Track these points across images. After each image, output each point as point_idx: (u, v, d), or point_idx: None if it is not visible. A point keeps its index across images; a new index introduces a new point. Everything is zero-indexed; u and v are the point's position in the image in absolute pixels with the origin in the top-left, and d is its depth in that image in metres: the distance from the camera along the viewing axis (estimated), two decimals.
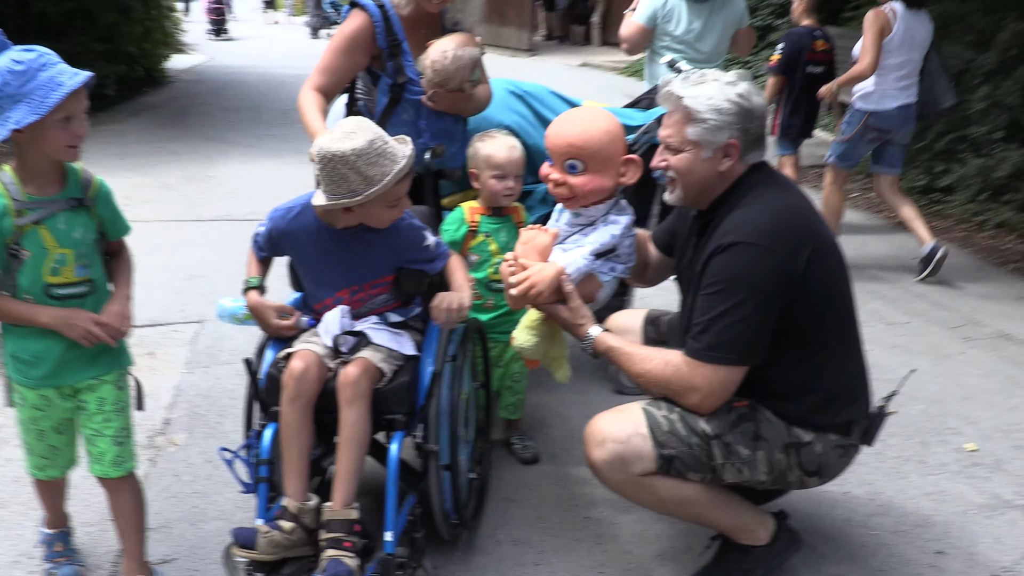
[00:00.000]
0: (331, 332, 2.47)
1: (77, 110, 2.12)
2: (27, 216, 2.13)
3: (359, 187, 2.28)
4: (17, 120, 2.02)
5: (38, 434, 2.35)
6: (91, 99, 2.20)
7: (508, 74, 3.39)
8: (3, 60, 2.03)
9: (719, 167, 2.26)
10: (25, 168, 2.15)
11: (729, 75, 2.27)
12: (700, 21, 4.72)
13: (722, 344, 2.15)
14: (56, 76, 2.05)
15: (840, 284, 2.31)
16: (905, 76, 5.18)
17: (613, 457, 2.27)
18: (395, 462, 2.35)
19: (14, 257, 2.14)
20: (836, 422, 2.29)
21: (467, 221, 3.03)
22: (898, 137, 5.37)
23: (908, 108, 5.24)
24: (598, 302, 2.57)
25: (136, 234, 2.56)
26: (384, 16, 3.06)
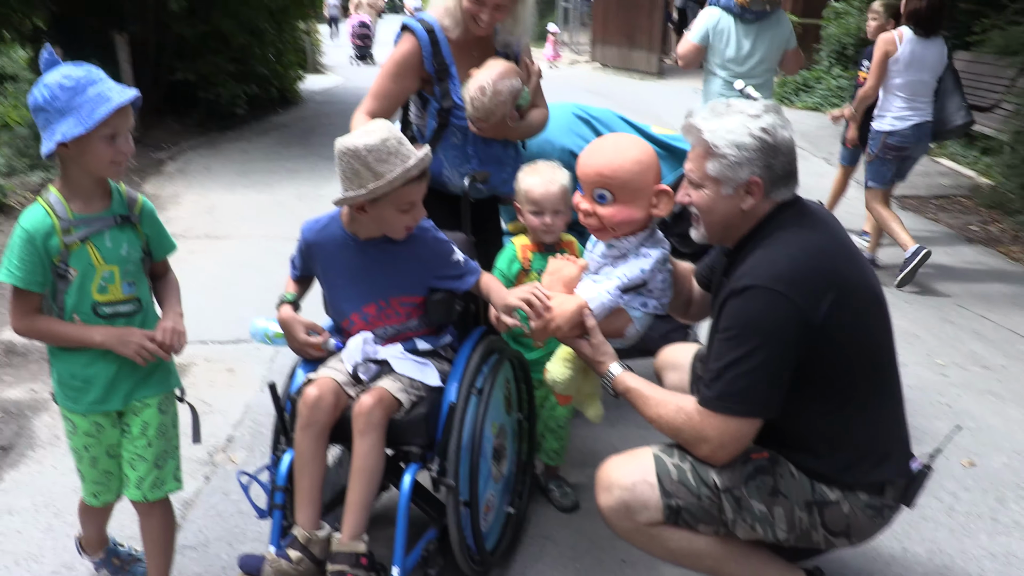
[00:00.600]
0: (352, 360, 2.44)
1: (123, 127, 2.12)
2: (74, 234, 2.15)
3: (369, 183, 2.29)
4: (64, 133, 2.03)
5: (91, 461, 2.33)
6: (223, 117, 2.30)
7: (630, 97, 3.28)
8: (54, 76, 2.06)
9: (741, 205, 2.11)
10: (70, 186, 2.17)
11: (755, 107, 2.10)
12: (749, 40, 5.08)
13: (733, 394, 1.99)
14: (104, 92, 2.06)
15: (872, 332, 2.09)
16: (915, 96, 5.40)
17: (619, 504, 2.14)
18: (406, 496, 2.29)
19: (61, 277, 2.16)
20: (866, 481, 2.08)
21: (519, 259, 2.94)
22: (916, 154, 5.58)
23: (922, 126, 5.44)
24: (628, 338, 2.45)
25: (239, 249, 2.64)
26: (432, 40, 3.04)
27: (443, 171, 3.14)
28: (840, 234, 2.17)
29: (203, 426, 3.57)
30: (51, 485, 3.20)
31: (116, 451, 2.36)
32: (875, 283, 2.15)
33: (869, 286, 2.12)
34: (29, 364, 4.34)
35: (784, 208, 2.14)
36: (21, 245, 2.13)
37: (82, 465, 2.35)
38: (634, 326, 2.43)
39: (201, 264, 5.95)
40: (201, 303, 5.15)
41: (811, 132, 10.72)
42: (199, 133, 10.99)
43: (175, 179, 8.71)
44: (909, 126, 5.43)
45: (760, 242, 2.10)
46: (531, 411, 2.97)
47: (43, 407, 3.83)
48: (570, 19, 24.42)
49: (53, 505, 3.08)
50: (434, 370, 2.50)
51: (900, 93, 5.43)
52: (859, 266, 2.13)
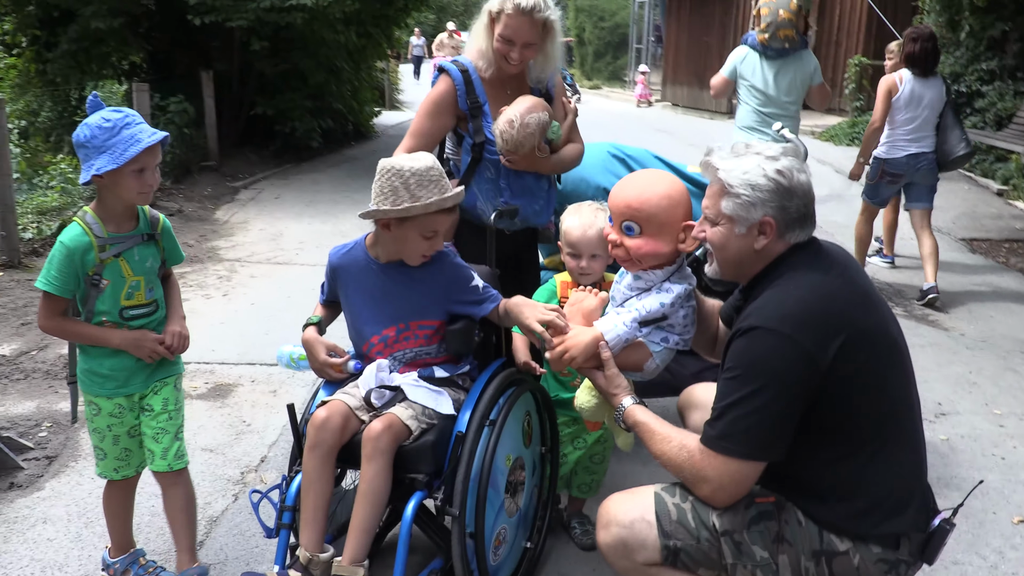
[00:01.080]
0: (367, 385, 2.47)
1: (151, 163, 2.45)
2: (108, 251, 2.49)
3: (405, 203, 2.38)
4: (99, 167, 2.38)
5: (113, 439, 2.61)
6: (298, 150, 2.65)
7: (698, 136, 3.29)
8: (96, 118, 2.40)
9: (754, 244, 2.08)
10: (104, 209, 2.51)
11: (774, 149, 2.09)
12: (772, 75, 5.46)
13: (734, 435, 1.94)
14: (136, 134, 2.39)
15: (886, 379, 2.01)
16: (915, 130, 5.92)
17: (616, 542, 2.10)
18: (408, 522, 2.29)
19: (94, 286, 2.49)
20: (878, 532, 1.98)
21: (558, 296, 2.93)
22: (916, 179, 6.06)
23: (918, 157, 5.95)
24: (647, 372, 2.42)
25: (298, 276, 2.77)
26: (466, 80, 3.13)
27: (477, 204, 3.19)
28: (856, 278, 2.11)
29: (238, 445, 3.72)
30: (86, 496, 3.30)
31: (136, 431, 2.64)
32: (892, 329, 2.08)
33: (884, 332, 2.05)
34: None
35: (798, 249, 2.10)
36: (61, 259, 2.45)
37: (104, 444, 2.63)
38: (653, 360, 2.40)
39: (260, 288, 6.11)
40: (254, 326, 5.29)
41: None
42: (275, 164, 11.35)
43: (247, 207, 8.98)
44: (904, 155, 5.97)
45: (771, 282, 2.07)
46: (554, 445, 2.93)
47: None
48: (642, 60, 24.61)
49: (86, 515, 3.17)
50: (448, 398, 2.51)
51: (903, 127, 5.95)
52: (875, 311, 2.06)
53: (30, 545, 2.99)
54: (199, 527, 3.08)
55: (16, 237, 6.47)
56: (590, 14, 30.60)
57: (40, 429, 3.87)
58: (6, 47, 11.73)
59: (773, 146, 2.11)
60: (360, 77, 14.05)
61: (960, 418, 4.11)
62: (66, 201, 7.86)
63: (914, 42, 5.89)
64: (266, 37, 10.62)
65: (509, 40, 3.04)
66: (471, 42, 3.21)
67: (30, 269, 6.36)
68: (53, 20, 10.52)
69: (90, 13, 9.75)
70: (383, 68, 17.94)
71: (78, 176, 8.58)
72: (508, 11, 3.02)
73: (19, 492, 3.34)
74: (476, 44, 3.16)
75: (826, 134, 13.81)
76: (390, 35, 14.06)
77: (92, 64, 10.89)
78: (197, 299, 5.90)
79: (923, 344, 5.09)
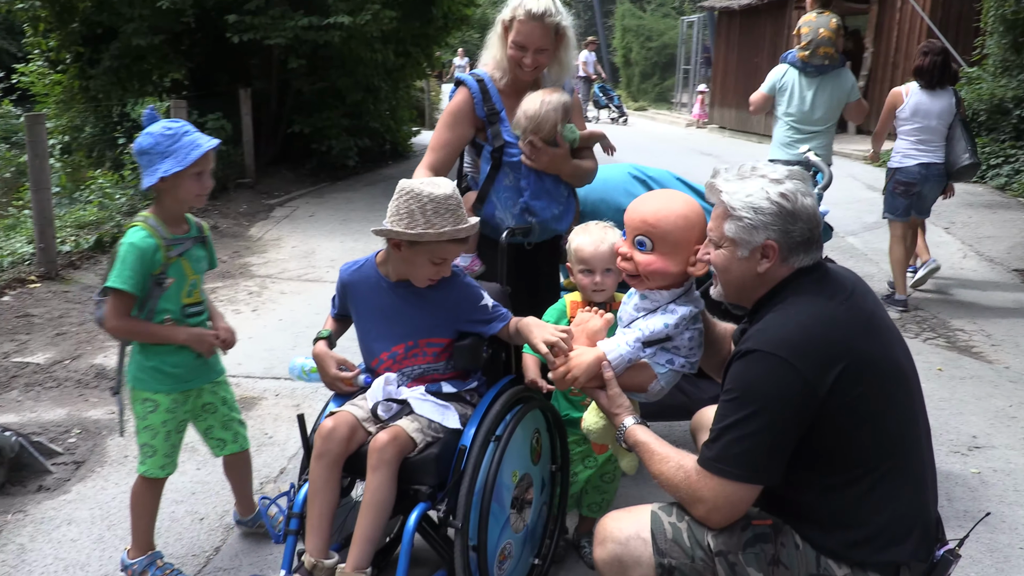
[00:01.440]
0: (374, 398, 2.52)
1: (207, 168, 2.72)
2: (173, 251, 2.74)
3: (419, 227, 2.43)
4: (164, 170, 2.63)
5: (166, 435, 2.80)
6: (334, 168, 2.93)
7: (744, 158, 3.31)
8: (157, 126, 2.67)
9: (757, 268, 2.08)
10: (164, 213, 2.75)
11: (779, 172, 2.08)
12: (811, 91, 5.77)
13: (729, 457, 1.95)
14: (196, 140, 2.67)
15: (889, 409, 2.00)
16: (923, 141, 6.16)
17: (612, 559, 2.11)
18: (410, 532, 2.34)
19: (158, 285, 2.71)
20: (876, 560, 1.97)
21: (568, 315, 2.95)
22: (925, 190, 6.28)
23: (929, 167, 6.16)
24: (651, 394, 2.43)
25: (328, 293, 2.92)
26: (482, 88, 3.20)
27: (495, 214, 3.23)
28: (863, 304, 2.09)
29: (260, 457, 3.78)
30: (110, 500, 3.40)
31: (183, 427, 2.88)
32: (899, 357, 2.06)
33: (890, 360, 2.03)
34: None
35: (803, 274, 2.10)
36: (133, 259, 2.66)
37: (156, 440, 2.80)
38: (658, 382, 2.40)
39: (290, 305, 6.22)
40: (281, 341, 5.38)
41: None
42: (310, 183, 11.51)
43: (281, 224, 9.13)
44: (915, 164, 6.19)
45: (774, 306, 2.07)
46: (564, 463, 2.95)
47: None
48: (690, 82, 24.42)
49: (108, 519, 3.27)
50: (455, 413, 2.56)
51: (908, 137, 6.23)
52: (881, 340, 2.05)
53: (54, 544, 3.09)
54: (216, 535, 3.17)
55: (54, 250, 6.65)
56: (637, 34, 30.38)
57: (69, 435, 3.97)
58: (51, 64, 12.04)
59: (779, 169, 2.11)
60: (398, 96, 14.20)
61: (995, 452, 4.04)
62: (103, 215, 8.05)
63: (924, 56, 6.17)
64: (304, 55, 10.81)
65: (522, 46, 3.11)
66: (486, 53, 3.29)
67: (67, 281, 6.53)
68: (96, 37, 10.82)
69: (131, 31, 10.02)
70: (422, 87, 18.10)
71: (116, 191, 8.85)
72: (520, 17, 3.10)
73: (46, 494, 3.44)
74: (491, 54, 3.24)
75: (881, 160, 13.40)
76: (430, 54, 14.17)
77: (133, 81, 11.17)
78: (227, 314, 5.97)
79: (964, 376, 5.01)
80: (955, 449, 4.05)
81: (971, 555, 3.17)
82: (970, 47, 13.34)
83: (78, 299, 6.22)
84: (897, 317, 6.17)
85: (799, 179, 2.09)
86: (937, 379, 4.93)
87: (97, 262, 7.09)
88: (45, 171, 6.63)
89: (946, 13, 14.78)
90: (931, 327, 5.97)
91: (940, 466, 3.76)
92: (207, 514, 3.33)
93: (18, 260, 6.70)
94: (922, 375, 5.06)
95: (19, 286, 6.24)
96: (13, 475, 3.51)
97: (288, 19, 10.20)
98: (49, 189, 6.71)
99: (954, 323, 6.08)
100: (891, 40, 15.91)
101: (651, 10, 33.33)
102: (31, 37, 11.78)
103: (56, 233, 6.82)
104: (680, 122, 22.78)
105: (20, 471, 3.54)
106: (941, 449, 4.01)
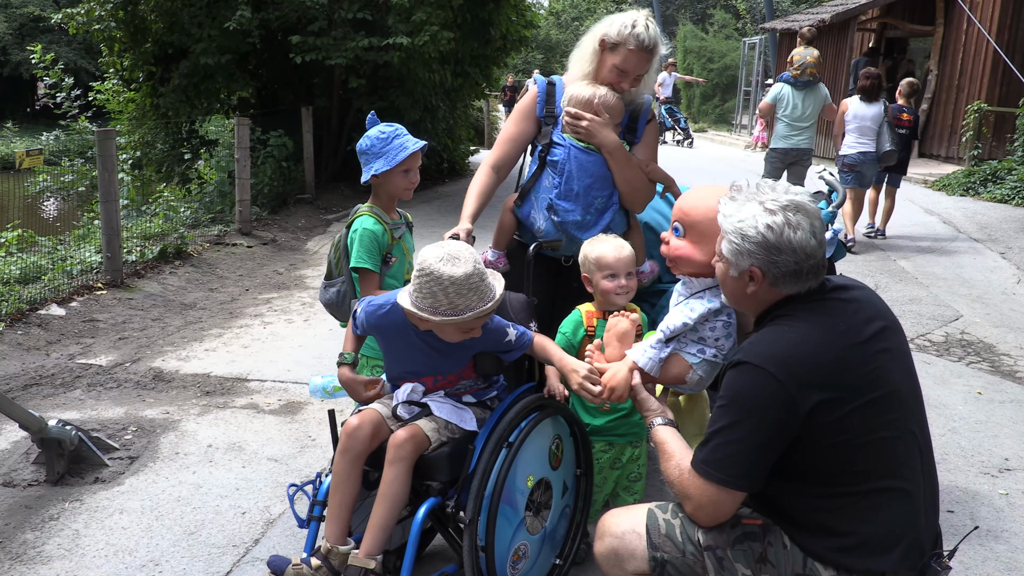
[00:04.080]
0: (397, 400, 2.67)
1: (414, 165, 3.18)
2: (395, 233, 3.21)
3: (442, 309, 2.46)
4: (377, 168, 3.11)
5: None
6: None
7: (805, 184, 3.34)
8: (374, 130, 3.14)
9: (746, 289, 2.17)
10: (381, 203, 3.23)
11: (780, 200, 2.10)
12: (800, 99, 8.72)
13: (714, 461, 2.04)
14: (405, 142, 3.11)
15: (877, 433, 2.03)
16: (861, 136, 8.95)
17: (609, 552, 2.23)
18: (418, 524, 2.46)
19: (385, 263, 3.15)
20: (863, 567, 2.03)
21: (584, 325, 3.06)
22: (864, 169, 9.10)
23: (866, 154, 8.97)
24: (691, 383, 2.53)
25: None
26: (549, 91, 3.32)
27: (531, 212, 3.29)
28: (865, 328, 2.09)
29: (302, 457, 3.96)
30: (160, 493, 3.61)
31: None
32: (897, 381, 2.08)
33: (884, 384, 2.05)
34: (171, 389, 4.85)
35: (797, 299, 2.14)
36: (369, 240, 3.10)
37: None
38: (695, 372, 2.51)
39: None
40: (330, 350, 5.57)
41: (992, 224, 10.24)
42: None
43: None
44: (855, 152, 9.01)
45: (772, 320, 2.15)
46: (588, 467, 3.04)
47: (172, 427, 4.28)
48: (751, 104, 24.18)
49: (157, 510, 3.48)
50: (472, 415, 2.70)
51: (851, 135, 9.01)
52: (875, 364, 2.06)
53: (106, 531, 3.31)
54: (256, 528, 3.36)
55: (120, 259, 6.98)
56: (699, 55, 30.25)
57: (126, 433, 4.21)
58: (125, 82, 12.56)
59: (781, 197, 2.12)
60: (455, 115, 14.47)
61: (1018, 475, 4.04)
62: (168, 228, 8.39)
63: (866, 79, 8.98)
64: (364, 75, 11.14)
65: (624, 71, 3.17)
66: (574, 68, 3.30)
67: (131, 289, 6.85)
68: (168, 57, 11.30)
69: (200, 50, 10.45)
70: (481, 107, 18.36)
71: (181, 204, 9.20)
72: (630, 46, 3.13)
73: (102, 486, 3.67)
74: (580, 70, 3.26)
75: (939, 183, 13.24)
76: (488, 74, 14.42)
77: (201, 99, 11.63)
78: (280, 323, 6.26)
79: (1003, 400, 4.99)
80: (985, 470, 4.05)
81: (989, 574, 3.19)
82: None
83: (141, 306, 6.53)
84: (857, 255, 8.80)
85: (797, 211, 2.09)
86: (976, 402, 4.92)
87: (160, 271, 7.42)
88: (114, 184, 6.97)
89: (1013, 36, 14.53)
90: (976, 351, 5.93)
91: (968, 487, 3.83)
92: (249, 508, 3.51)
93: (87, 268, 7.04)
94: (960, 398, 5.10)
95: (87, 293, 6.57)
96: (72, 467, 3.75)
97: (349, 40, 10.52)
98: (117, 201, 7.05)
99: (1000, 347, 6.03)
100: (956, 63, 15.62)
101: (713, 31, 33.21)
102: (107, 57, 12.37)
103: (123, 244, 7.17)
104: (739, 144, 22.59)
105: (79, 463, 3.79)
106: (971, 470, 4.03)
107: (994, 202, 11.69)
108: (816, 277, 2.13)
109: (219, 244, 8.66)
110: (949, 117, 15.81)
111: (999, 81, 14.56)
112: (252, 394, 4.85)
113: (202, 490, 3.65)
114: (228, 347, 5.70)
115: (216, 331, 6.07)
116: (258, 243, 8.98)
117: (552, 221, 3.24)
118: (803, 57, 8.68)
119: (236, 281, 7.63)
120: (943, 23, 15.99)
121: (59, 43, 30.09)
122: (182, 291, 7.12)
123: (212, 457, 3.98)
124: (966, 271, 8.23)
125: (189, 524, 3.37)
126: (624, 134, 3.32)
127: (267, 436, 4.23)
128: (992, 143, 14.29)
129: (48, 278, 6.67)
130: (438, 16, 10.56)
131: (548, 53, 34.11)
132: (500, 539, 2.58)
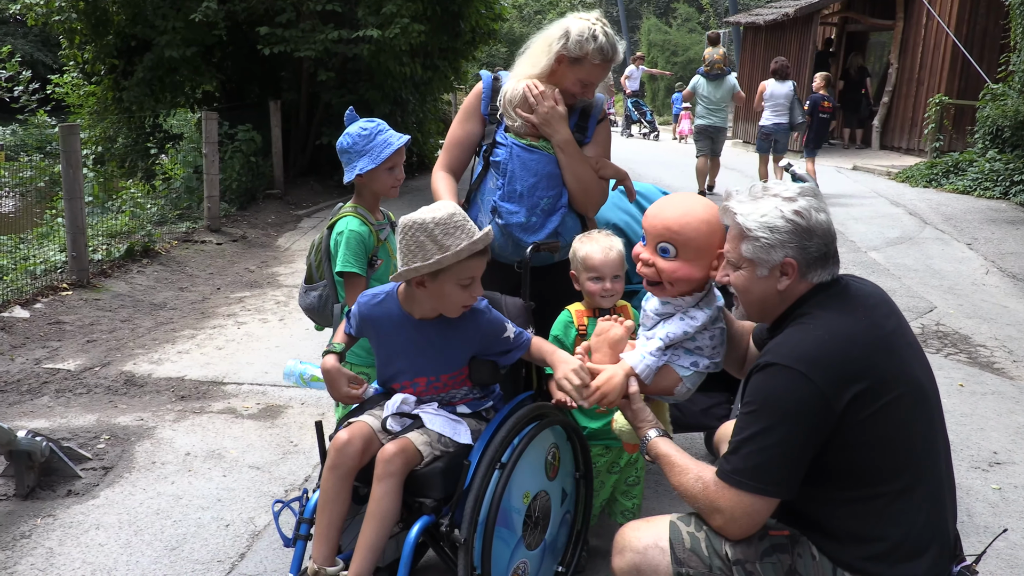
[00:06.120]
0: (387, 412, 2.54)
1: (399, 162, 3.05)
2: (380, 235, 3.07)
3: (435, 255, 2.37)
4: (361, 167, 2.96)
5: None
6: None
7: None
8: (354, 127, 2.97)
9: (777, 286, 2.11)
10: (365, 203, 3.09)
11: (791, 190, 2.11)
12: (712, 88, 11.29)
13: (747, 470, 1.98)
14: (389, 138, 2.97)
15: (907, 427, 2.00)
16: (775, 109, 11.27)
17: (630, 567, 2.14)
18: (411, 544, 2.34)
19: (371, 266, 3.01)
20: (892, 574, 1.99)
21: (575, 324, 3.00)
22: (778, 138, 11.47)
23: (780, 125, 11.31)
24: (679, 395, 2.45)
25: None
26: (495, 88, 3.18)
27: (478, 216, 3.17)
28: (886, 323, 2.09)
29: (284, 464, 3.84)
30: (137, 506, 3.47)
31: None
32: (919, 375, 2.07)
33: (909, 379, 2.04)
34: (144, 394, 4.69)
35: (822, 290, 2.12)
36: (355, 243, 2.96)
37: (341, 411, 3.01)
38: (684, 384, 2.42)
39: None
40: (307, 351, 5.44)
41: (957, 215, 10.31)
42: (338, 193, 11.63)
43: (308, 234, 9.24)
44: (771, 123, 11.35)
45: (794, 320, 2.10)
46: (587, 470, 2.95)
47: (147, 435, 4.14)
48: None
49: (136, 524, 3.33)
50: (466, 428, 2.57)
51: (768, 109, 11.33)
52: (900, 358, 2.05)
53: (82, 549, 3.16)
54: (241, 541, 3.23)
55: (86, 258, 6.79)
56: (663, 49, 30.37)
57: (99, 441, 4.06)
58: (85, 75, 12.26)
59: (790, 187, 2.13)
60: (425, 109, 14.33)
61: (1016, 468, 4.03)
62: (135, 225, 8.19)
63: (777, 63, 11.29)
64: (333, 68, 10.97)
65: (588, 84, 3.08)
66: (523, 65, 3.15)
67: (98, 289, 6.66)
68: (130, 50, 11.05)
69: (164, 43, 10.22)
70: (449, 101, 18.22)
71: (147, 201, 8.98)
72: (595, 61, 3.01)
73: (75, 499, 3.52)
74: (530, 71, 3.10)
75: (902, 175, 13.44)
76: (457, 68, 14.29)
77: (165, 92, 11.38)
78: (254, 323, 6.11)
79: (985, 392, 5.00)
80: (976, 465, 4.04)
81: (991, 570, 3.17)
82: (995, 64, 13.30)
83: (109, 307, 6.34)
84: None
85: (811, 195, 2.12)
86: (958, 395, 4.92)
87: (128, 271, 7.22)
88: (78, 181, 6.76)
89: (971, 29, 14.75)
90: (952, 342, 5.95)
91: (960, 482, 3.80)
92: (232, 520, 3.38)
93: (51, 268, 6.84)
94: (943, 390, 5.07)
95: (51, 294, 6.37)
96: (43, 479, 3.59)
97: (318, 32, 10.35)
98: (82, 199, 6.84)
99: (975, 339, 6.06)
100: (916, 56, 15.90)
101: (677, 25, 33.33)
102: (67, 49, 12.06)
103: (88, 242, 6.96)
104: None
105: (50, 476, 3.63)
106: (962, 465, 4.01)
107: (957, 193, 11.82)
108: (836, 262, 2.14)
109: (187, 241, 8.46)
110: (910, 110, 16.11)
111: (958, 74, 14.88)
112: (229, 398, 4.71)
113: (182, 501, 3.51)
114: (202, 349, 5.55)
115: (188, 332, 5.91)
116: (228, 240, 8.79)
117: (496, 224, 3.10)
118: (711, 55, 11.32)
119: (207, 280, 7.45)
120: (903, 17, 16.24)
121: (15, 35, 29.39)
122: (151, 291, 6.93)
123: (191, 466, 3.84)
124: (936, 262, 8.27)
125: (170, 539, 3.23)
126: (573, 132, 3.16)
127: (247, 442, 4.10)
128: (953, 135, 14.52)
129: (10, 279, 6.46)
130: (408, 8, 10.42)
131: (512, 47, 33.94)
132: (498, 562, 2.48)
